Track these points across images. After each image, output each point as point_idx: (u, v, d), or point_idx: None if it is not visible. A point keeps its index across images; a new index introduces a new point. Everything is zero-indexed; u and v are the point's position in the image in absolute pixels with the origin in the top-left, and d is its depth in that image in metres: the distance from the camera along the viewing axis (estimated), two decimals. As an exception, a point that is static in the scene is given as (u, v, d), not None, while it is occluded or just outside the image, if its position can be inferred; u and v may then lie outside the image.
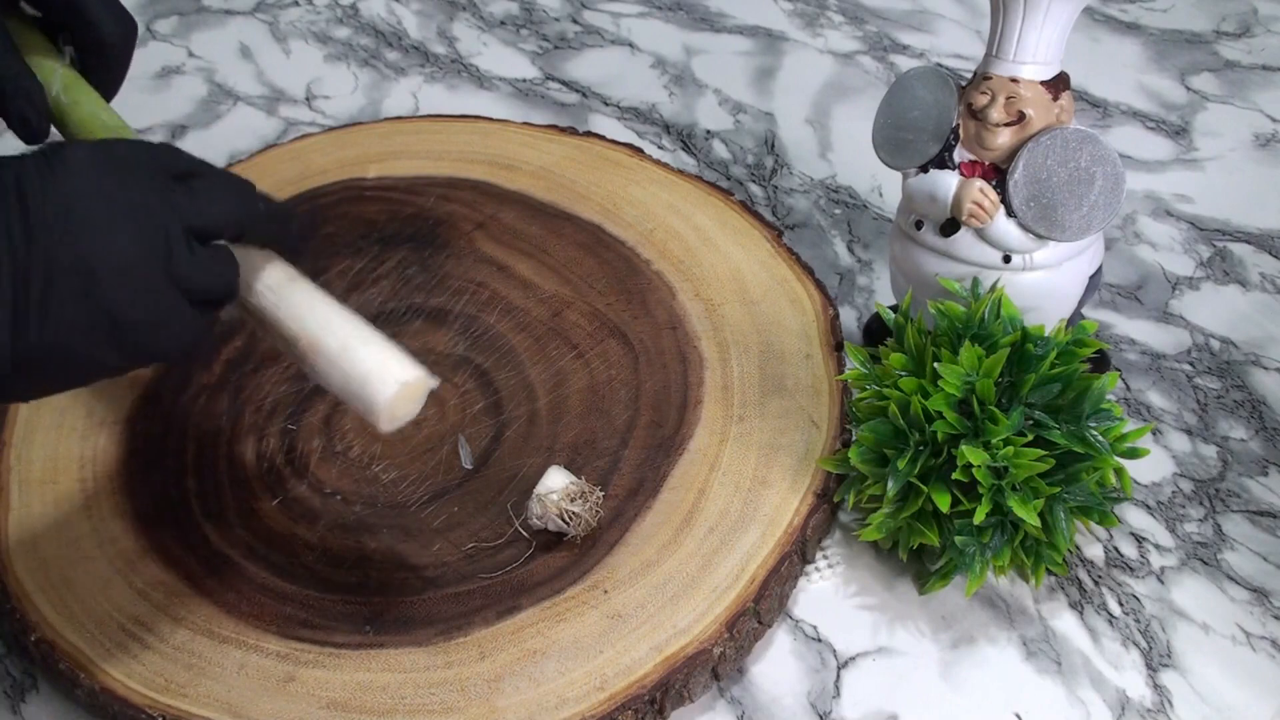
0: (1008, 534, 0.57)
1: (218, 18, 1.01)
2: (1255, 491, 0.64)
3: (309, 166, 0.79)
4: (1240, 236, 0.78)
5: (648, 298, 0.69)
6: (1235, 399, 0.69)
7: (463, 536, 0.60)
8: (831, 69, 0.94)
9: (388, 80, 0.94)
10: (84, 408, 0.66)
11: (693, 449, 0.62)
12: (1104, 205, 0.58)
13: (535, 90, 0.93)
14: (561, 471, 0.58)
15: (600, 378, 0.66)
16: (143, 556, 0.60)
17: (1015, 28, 0.57)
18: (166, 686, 0.55)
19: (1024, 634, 0.59)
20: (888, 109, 0.62)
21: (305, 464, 0.63)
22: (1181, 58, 0.93)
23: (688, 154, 0.86)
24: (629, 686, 0.53)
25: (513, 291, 0.71)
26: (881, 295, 0.75)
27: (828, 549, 0.62)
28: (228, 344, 0.69)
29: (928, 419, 0.55)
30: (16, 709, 0.58)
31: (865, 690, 0.57)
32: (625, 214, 0.74)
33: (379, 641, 0.56)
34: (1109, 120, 0.88)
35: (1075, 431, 0.55)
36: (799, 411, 0.63)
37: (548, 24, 1.00)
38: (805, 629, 0.59)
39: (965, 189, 0.59)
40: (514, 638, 0.55)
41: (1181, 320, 0.73)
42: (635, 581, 0.57)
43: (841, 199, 0.82)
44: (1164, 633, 0.58)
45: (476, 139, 0.81)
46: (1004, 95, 0.58)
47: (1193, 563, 0.61)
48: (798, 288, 0.69)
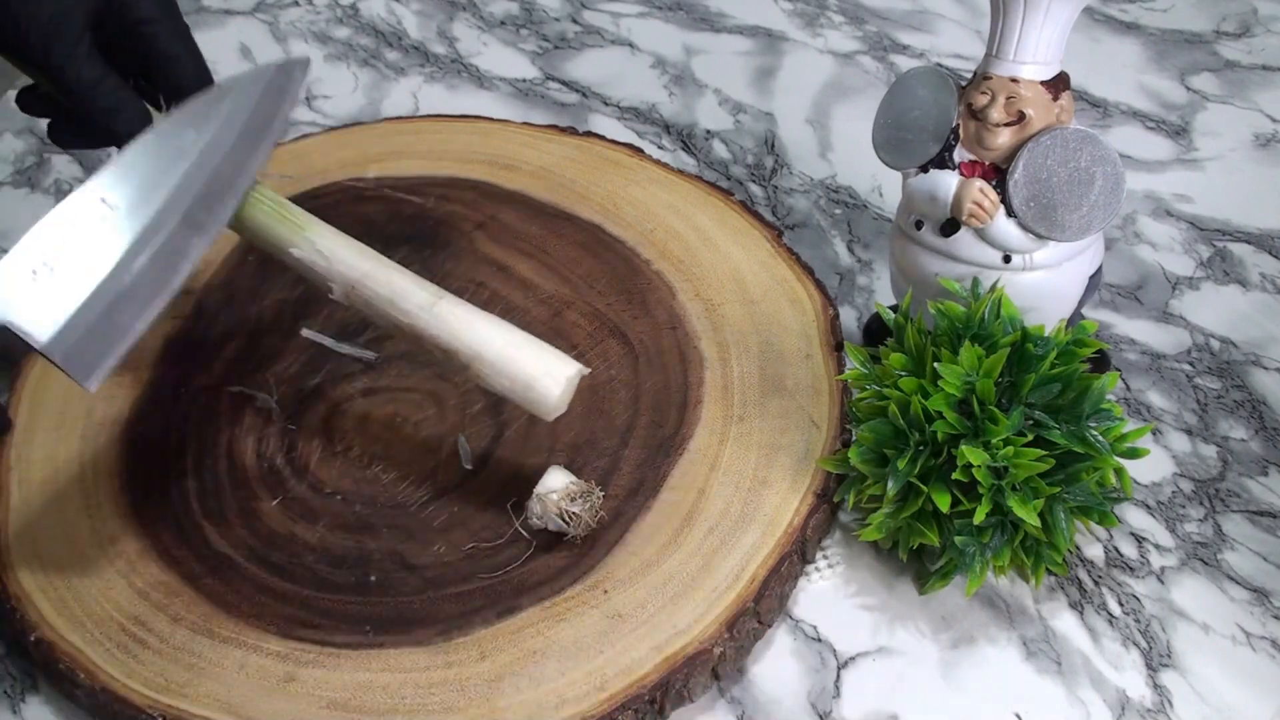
0: (1008, 534, 0.57)
1: (218, 18, 1.01)
2: (1255, 491, 0.64)
3: (309, 166, 0.79)
4: (1240, 236, 0.78)
5: (648, 298, 0.69)
6: (1235, 399, 0.69)
7: (463, 536, 0.60)
8: (831, 69, 0.94)
9: (388, 80, 0.94)
10: (84, 408, 0.66)
11: (693, 449, 0.62)
12: (1104, 205, 0.58)
13: (535, 90, 0.93)
14: (561, 471, 0.58)
15: (600, 378, 0.66)
16: (143, 556, 0.60)
17: (1015, 28, 0.57)
18: (166, 686, 0.55)
19: (1024, 634, 0.59)
20: (888, 109, 0.62)
21: (305, 464, 0.64)
22: (1181, 58, 0.93)
23: (688, 154, 0.86)
24: (629, 686, 0.53)
25: (513, 291, 0.71)
26: (881, 295, 0.75)
27: (828, 549, 0.62)
28: (228, 344, 0.69)
29: (928, 419, 0.55)
30: (16, 709, 0.58)
31: (865, 690, 0.57)
32: (625, 214, 0.74)
33: (379, 641, 0.56)
34: (1109, 120, 0.88)
35: (1075, 431, 0.55)
36: (799, 411, 0.63)
37: (548, 24, 1.00)
38: (805, 629, 0.59)
39: (965, 189, 0.59)
40: (514, 638, 0.55)
41: (1181, 320, 0.73)
42: (635, 581, 0.57)
43: (841, 199, 0.82)
44: (1164, 633, 0.59)
45: (476, 139, 0.81)
46: (1004, 95, 0.58)
47: (1193, 563, 0.61)
48: (798, 288, 0.69)
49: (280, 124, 0.57)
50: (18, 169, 0.87)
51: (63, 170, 0.87)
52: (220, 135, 0.55)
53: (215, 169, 0.55)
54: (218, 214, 0.54)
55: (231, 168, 0.55)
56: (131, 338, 0.51)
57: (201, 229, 0.53)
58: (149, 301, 0.52)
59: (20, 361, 0.68)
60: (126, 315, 0.51)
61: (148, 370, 0.68)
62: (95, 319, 0.51)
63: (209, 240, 0.53)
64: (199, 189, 0.54)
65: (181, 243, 0.53)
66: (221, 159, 0.55)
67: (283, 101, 0.58)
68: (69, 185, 0.86)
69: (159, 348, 0.69)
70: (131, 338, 0.51)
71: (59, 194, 0.85)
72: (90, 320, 0.51)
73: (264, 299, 0.71)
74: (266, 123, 0.57)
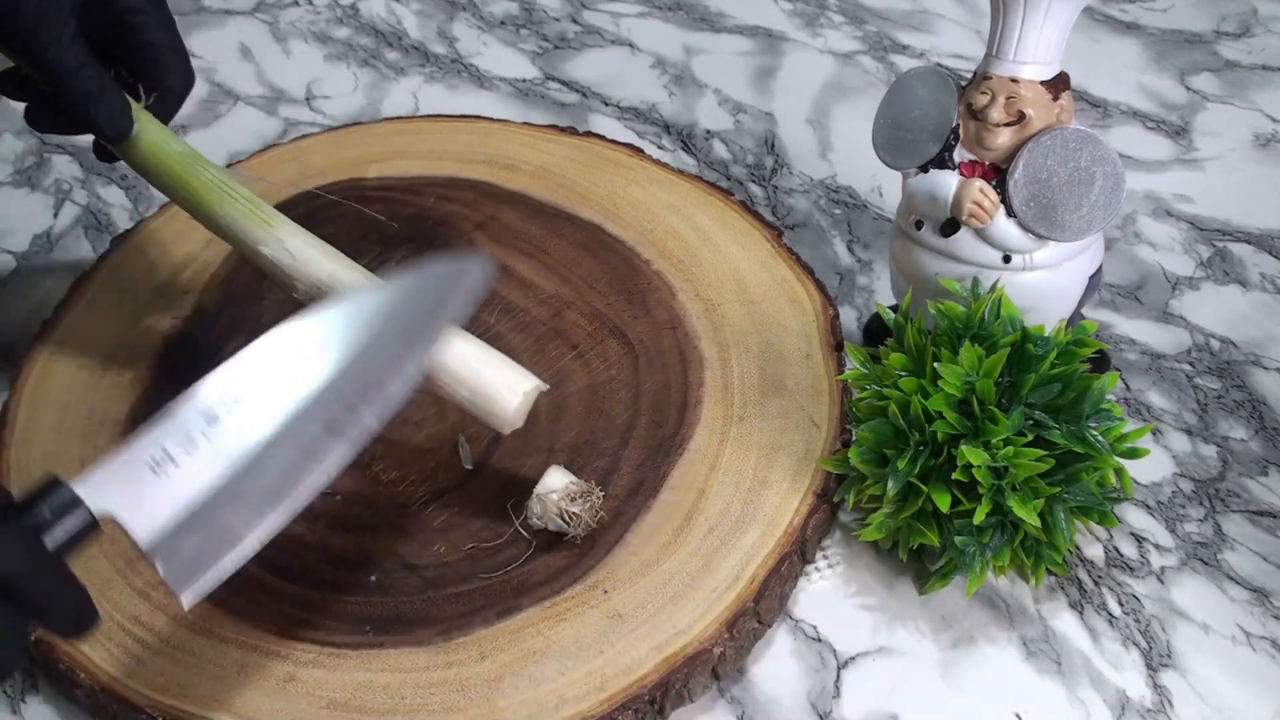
0: (1008, 534, 0.57)
1: (218, 18, 1.01)
2: (1255, 491, 0.64)
3: (309, 166, 0.79)
4: (1240, 236, 0.78)
5: (648, 298, 0.69)
6: (1235, 399, 0.69)
7: (463, 536, 0.60)
8: (831, 69, 0.94)
9: (388, 80, 0.95)
10: (84, 408, 0.66)
11: (693, 449, 0.62)
12: (1104, 205, 0.58)
13: (535, 90, 0.93)
14: (561, 471, 0.58)
15: (600, 378, 0.66)
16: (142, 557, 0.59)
17: (1015, 28, 0.57)
18: (166, 686, 0.55)
19: (1024, 634, 0.59)
20: (888, 109, 0.62)
21: (305, 464, 0.63)
22: (1181, 58, 0.93)
23: (688, 154, 0.86)
24: (629, 686, 0.53)
25: (513, 291, 0.71)
26: (881, 295, 0.75)
27: (828, 549, 0.62)
28: (228, 344, 0.69)
29: (928, 419, 0.55)
30: (16, 709, 0.58)
31: (865, 690, 0.57)
32: (625, 214, 0.74)
33: (379, 641, 0.56)
34: (1109, 120, 0.88)
35: (1075, 431, 0.55)
36: (799, 411, 0.63)
37: (548, 24, 1.00)
38: (805, 629, 0.59)
39: (965, 189, 0.59)
40: (514, 638, 0.55)
41: (1181, 320, 0.73)
42: (635, 581, 0.57)
43: (841, 199, 0.82)
44: (1164, 633, 0.59)
45: (476, 139, 0.81)
46: (1004, 95, 0.58)
47: (1193, 563, 0.61)
48: (798, 288, 0.69)
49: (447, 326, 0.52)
50: (18, 169, 0.87)
51: (63, 170, 0.87)
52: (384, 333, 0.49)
53: (372, 370, 0.48)
54: (366, 420, 0.47)
55: (388, 368, 0.48)
56: (241, 553, 0.46)
57: (345, 435, 0.47)
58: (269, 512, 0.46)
59: (20, 361, 0.68)
60: (242, 524, 0.46)
61: (148, 370, 0.68)
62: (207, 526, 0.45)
63: (352, 449, 0.47)
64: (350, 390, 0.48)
65: (321, 449, 0.47)
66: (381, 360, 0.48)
67: (453, 299, 0.51)
68: (69, 185, 0.86)
69: (159, 348, 0.69)
70: (241, 553, 0.46)
71: (59, 194, 0.85)
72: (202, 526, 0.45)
73: (264, 299, 0.71)
74: (433, 321, 0.51)
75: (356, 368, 0.48)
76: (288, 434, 0.47)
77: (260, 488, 0.46)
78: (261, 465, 0.46)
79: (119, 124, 0.56)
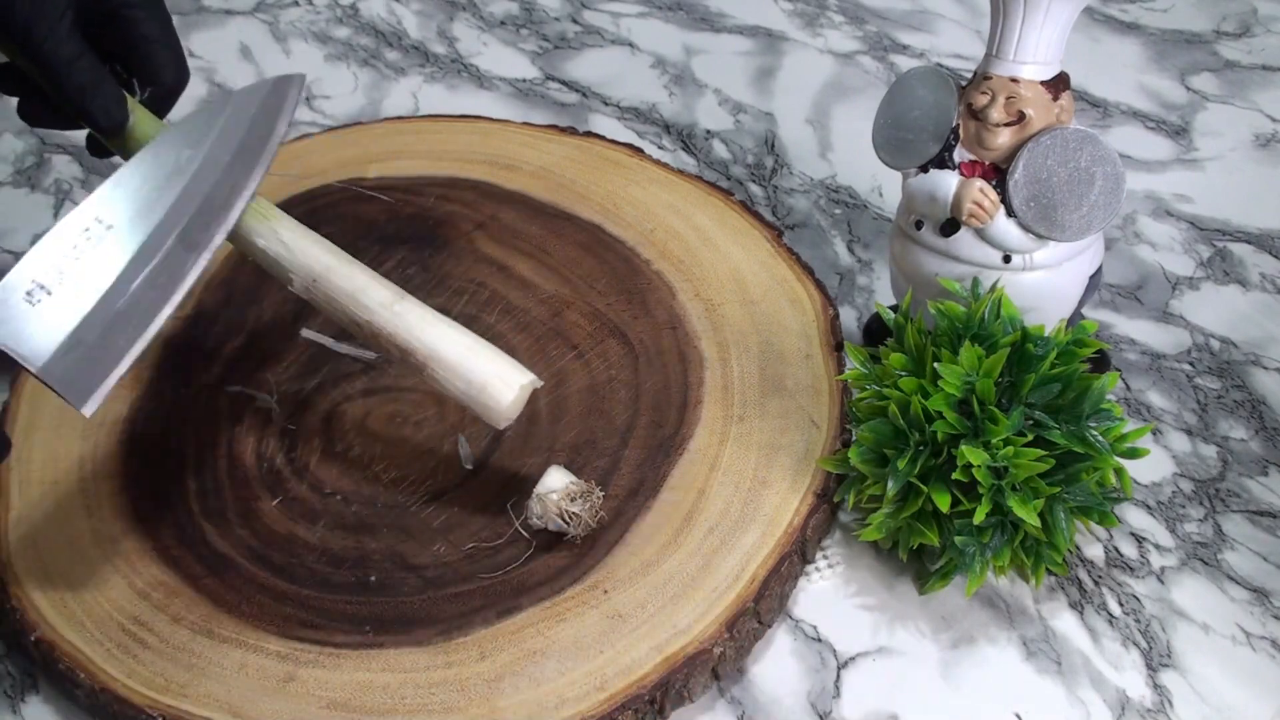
0: (1008, 534, 0.57)
1: (218, 18, 1.01)
2: (1255, 491, 0.64)
3: (309, 166, 0.79)
4: (1240, 236, 0.78)
5: (648, 298, 0.69)
6: (1235, 399, 0.69)
7: (463, 536, 0.60)
8: (831, 69, 0.94)
9: (388, 80, 0.95)
10: (84, 408, 0.66)
11: (693, 449, 0.62)
12: (1104, 205, 0.58)
13: (535, 90, 0.93)
14: (561, 471, 0.58)
15: (600, 378, 0.66)
16: (143, 557, 0.60)
17: (1015, 28, 0.57)
18: (166, 686, 0.55)
19: (1024, 634, 0.59)
20: (888, 109, 0.62)
21: (305, 464, 0.64)
22: (1181, 58, 0.93)
23: (688, 154, 0.86)
24: (629, 686, 0.53)
25: (513, 291, 0.71)
26: (881, 295, 0.75)
27: (828, 549, 0.62)
28: (228, 344, 0.69)
29: (928, 419, 0.55)
30: (16, 709, 0.58)
31: (865, 690, 0.57)
32: (625, 214, 0.74)
33: (379, 641, 0.56)
34: (1109, 120, 0.88)
35: (1075, 431, 0.55)
36: (799, 411, 0.63)
37: (548, 24, 1.00)
38: (805, 629, 0.59)
39: (965, 189, 0.59)
40: (514, 638, 0.55)
41: (1181, 320, 0.73)
42: (635, 581, 0.57)
43: (841, 199, 0.82)
44: (1164, 633, 0.59)
45: (476, 139, 0.81)
46: (1004, 95, 0.58)
47: (1193, 563, 0.61)
48: (798, 288, 0.69)
49: (276, 140, 0.57)
50: (18, 169, 0.87)
51: (63, 170, 0.87)
52: (216, 152, 0.55)
53: (212, 186, 0.55)
54: (214, 232, 0.54)
55: (228, 185, 0.55)
56: (128, 361, 0.51)
57: (198, 248, 0.53)
58: (145, 323, 0.52)
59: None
60: (123, 337, 0.51)
61: (148, 370, 0.68)
62: (91, 342, 0.51)
63: (205, 259, 0.53)
64: (195, 207, 0.54)
65: (178, 262, 0.53)
66: (218, 176, 0.55)
67: (279, 117, 0.57)
68: (69, 185, 0.86)
69: (159, 348, 0.69)
70: (128, 361, 0.51)
71: (59, 194, 0.85)
72: (86, 343, 0.51)
73: (264, 299, 0.71)
74: (263, 139, 0.57)
75: (197, 185, 0.54)
76: (149, 252, 0.53)
77: (133, 304, 0.52)
78: (128, 283, 0.52)
79: (114, 115, 0.56)
